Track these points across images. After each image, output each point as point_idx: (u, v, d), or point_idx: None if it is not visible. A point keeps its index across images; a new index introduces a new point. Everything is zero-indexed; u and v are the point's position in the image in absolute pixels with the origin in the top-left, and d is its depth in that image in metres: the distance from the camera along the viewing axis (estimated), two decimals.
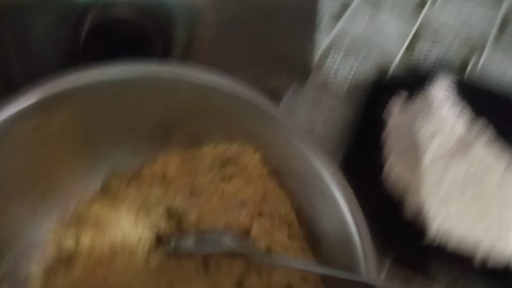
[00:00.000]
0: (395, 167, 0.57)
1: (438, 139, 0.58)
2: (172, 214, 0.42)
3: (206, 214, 0.42)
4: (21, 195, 0.39)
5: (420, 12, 0.79)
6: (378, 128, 0.62)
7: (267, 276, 0.39)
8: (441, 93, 0.64)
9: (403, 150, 0.58)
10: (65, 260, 0.40)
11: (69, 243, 0.40)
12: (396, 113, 0.64)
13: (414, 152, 0.57)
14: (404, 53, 0.73)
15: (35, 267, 0.40)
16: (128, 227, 0.41)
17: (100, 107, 0.41)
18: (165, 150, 0.45)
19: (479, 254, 0.51)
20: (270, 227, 0.41)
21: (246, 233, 0.41)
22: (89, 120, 0.41)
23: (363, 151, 0.60)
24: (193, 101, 0.42)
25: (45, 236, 0.41)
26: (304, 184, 0.41)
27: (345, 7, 0.77)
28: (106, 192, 0.43)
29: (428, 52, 0.74)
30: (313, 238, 0.41)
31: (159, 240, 0.40)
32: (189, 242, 0.40)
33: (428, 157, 0.57)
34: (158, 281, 0.39)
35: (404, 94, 0.65)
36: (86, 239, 0.40)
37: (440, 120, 0.60)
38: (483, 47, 0.75)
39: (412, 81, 0.68)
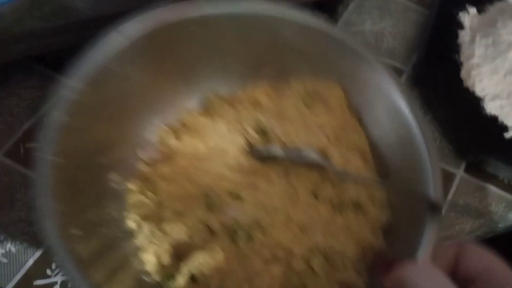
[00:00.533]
0: (475, 67, 0.60)
1: None
2: (261, 129, 0.49)
3: (290, 133, 0.48)
4: (138, 100, 0.47)
5: None
6: (455, 28, 0.65)
7: (339, 189, 0.45)
8: None
9: (484, 49, 0.61)
10: (168, 154, 0.48)
11: (173, 142, 0.48)
12: (474, 13, 0.66)
13: (495, 53, 0.60)
14: None
15: (144, 158, 0.48)
16: (223, 134, 0.48)
17: (206, 37, 0.46)
18: (258, 80, 0.51)
19: None
20: (345, 151, 0.47)
21: (323, 152, 0.47)
22: (195, 46, 0.47)
23: (439, 52, 0.63)
24: (288, 37, 0.47)
25: (154, 135, 0.49)
26: (381, 119, 0.47)
27: None
28: (206, 108, 0.51)
29: None
30: (384, 171, 0.47)
31: (250, 146, 0.48)
32: (276, 150, 0.46)
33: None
34: (244, 178, 0.45)
35: None
36: (187, 140, 0.48)
37: None
38: None
39: None
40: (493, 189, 0.57)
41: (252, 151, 0.47)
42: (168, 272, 0.41)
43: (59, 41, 0.54)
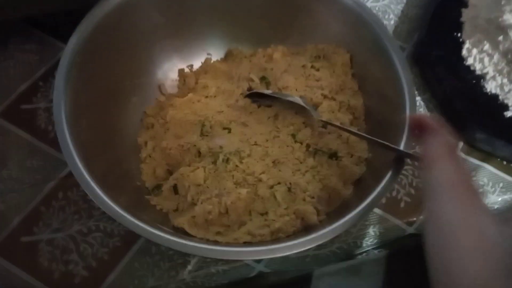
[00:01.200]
0: (476, 44, 0.59)
1: None
2: (265, 78, 0.54)
3: (290, 85, 0.53)
4: (165, 39, 0.54)
5: None
6: (458, 6, 0.64)
7: (318, 137, 0.49)
8: None
9: (486, 27, 0.59)
10: (183, 91, 0.55)
11: (191, 81, 0.55)
12: None
13: (497, 31, 0.58)
14: None
15: (162, 90, 0.56)
16: (233, 80, 0.55)
17: None
18: (278, 43, 0.57)
19: None
20: (336, 108, 0.51)
21: (314, 105, 0.51)
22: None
23: (440, 30, 0.62)
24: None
25: (175, 73, 0.57)
26: (381, 88, 0.50)
27: None
28: (226, 59, 0.58)
29: None
30: (375, 132, 0.49)
31: (250, 90, 0.54)
32: (267, 91, 0.52)
33: None
34: (239, 115, 0.52)
35: None
36: (203, 80, 0.55)
37: None
38: None
39: None
40: (490, 169, 0.56)
41: (250, 94, 0.53)
42: (158, 182, 0.48)
43: (58, 3, 0.54)
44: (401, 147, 0.43)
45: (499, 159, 0.57)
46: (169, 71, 0.56)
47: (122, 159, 0.49)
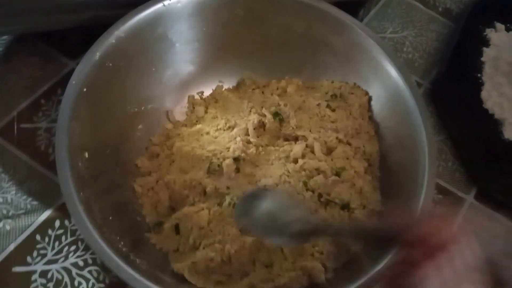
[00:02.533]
0: (497, 87, 0.57)
1: None
2: (278, 115, 0.51)
3: (304, 125, 0.50)
4: (176, 66, 0.53)
5: None
6: (480, 45, 0.62)
7: (331, 185, 0.46)
8: None
9: (508, 70, 0.58)
10: (192, 120, 0.53)
11: (200, 109, 0.53)
12: (502, 31, 0.63)
13: None
14: None
15: (170, 118, 0.54)
16: (244, 113, 0.52)
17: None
18: (292, 75, 0.55)
19: None
20: (351, 155, 0.49)
21: (330, 150, 0.49)
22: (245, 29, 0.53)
23: (460, 68, 0.60)
24: (324, 33, 0.52)
25: (185, 101, 0.55)
26: (400, 137, 0.48)
27: None
28: (238, 88, 0.55)
29: None
30: (389, 183, 0.48)
31: (261, 125, 0.51)
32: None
33: None
34: (249, 153, 0.48)
35: (510, 14, 0.63)
36: (212, 110, 0.53)
37: None
38: None
39: None
40: (504, 219, 0.54)
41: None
42: (160, 219, 0.46)
43: (67, 19, 0.52)
44: (421, 202, 0.41)
45: None
46: (178, 98, 0.54)
47: (124, 191, 0.47)
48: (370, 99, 0.51)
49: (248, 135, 0.50)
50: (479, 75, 0.59)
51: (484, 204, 0.55)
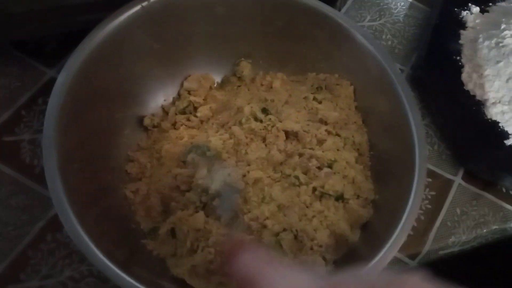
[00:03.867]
0: (476, 69, 0.58)
1: None
2: (265, 110, 0.51)
3: (291, 118, 0.50)
4: (160, 68, 0.52)
5: None
6: (457, 28, 0.63)
7: (324, 177, 0.46)
8: None
9: (486, 51, 0.59)
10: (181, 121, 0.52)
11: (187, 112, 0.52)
12: (477, 13, 0.64)
13: (498, 55, 0.58)
14: None
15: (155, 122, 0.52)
16: (232, 110, 0.51)
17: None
18: (277, 70, 0.55)
19: None
20: (341, 146, 0.49)
21: (320, 143, 0.49)
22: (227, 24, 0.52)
23: (439, 52, 0.61)
24: (311, 28, 0.51)
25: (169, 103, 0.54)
26: (388, 125, 0.48)
27: None
28: (223, 86, 0.55)
29: None
30: (380, 171, 0.48)
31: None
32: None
33: None
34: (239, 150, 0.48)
35: None
36: (201, 114, 0.52)
37: None
38: None
39: None
40: (491, 198, 0.55)
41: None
42: (155, 224, 0.46)
43: (43, 26, 0.51)
44: (413, 189, 0.41)
45: (499, 187, 0.56)
46: (163, 99, 0.53)
47: (116, 199, 0.46)
48: (355, 89, 0.51)
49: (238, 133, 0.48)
50: (458, 58, 0.60)
51: (471, 184, 0.56)
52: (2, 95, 0.53)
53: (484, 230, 0.54)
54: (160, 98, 0.53)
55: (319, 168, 0.46)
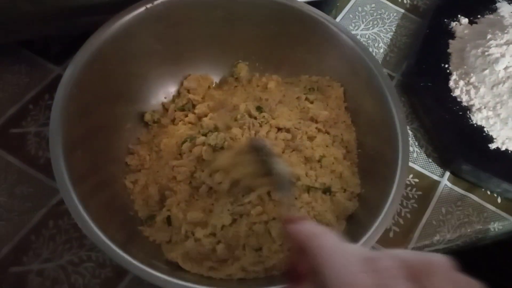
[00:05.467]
0: (463, 76, 0.61)
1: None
2: (260, 108, 0.53)
3: (283, 116, 0.53)
4: (161, 67, 0.55)
5: None
6: (446, 38, 0.66)
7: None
8: None
9: (473, 60, 0.61)
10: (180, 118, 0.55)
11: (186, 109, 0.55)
12: (466, 24, 0.67)
13: (484, 64, 0.60)
14: None
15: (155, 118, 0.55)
16: (228, 107, 0.54)
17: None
18: (272, 72, 0.58)
19: None
20: (330, 142, 0.52)
21: (310, 139, 0.52)
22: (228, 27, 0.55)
23: (429, 60, 0.64)
24: (305, 33, 0.55)
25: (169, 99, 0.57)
26: (375, 125, 0.51)
27: None
28: (221, 85, 0.58)
29: None
30: (367, 167, 0.51)
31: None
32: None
33: (501, 67, 0.59)
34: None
35: (473, 8, 0.67)
36: (202, 108, 0.54)
37: None
38: None
39: None
40: (475, 199, 0.58)
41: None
42: (151, 212, 0.48)
43: (50, 27, 0.54)
44: (395, 185, 0.44)
45: (483, 189, 0.58)
46: (164, 96, 0.56)
47: (115, 188, 0.49)
48: (345, 90, 0.54)
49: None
50: (446, 65, 0.63)
51: (457, 186, 0.58)
52: (11, 91, 0.56)
53: (468, 230, 0.56)
54: (160, 96, 0.56)
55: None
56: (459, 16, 0.68)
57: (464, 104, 0.60)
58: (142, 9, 0.49)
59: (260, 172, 0.42)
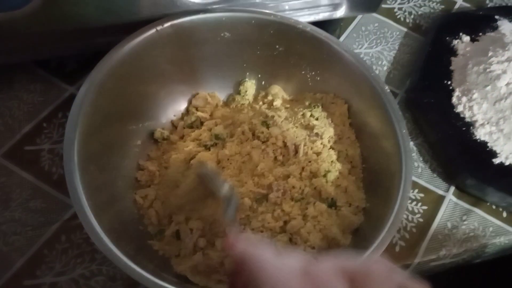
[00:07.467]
0: (466, 93, 0.62)
1: None
2: (266, 123, 0.55)
3: (289, 133, 0.54)
4: (171, 86, 0.57)
5: None
6: (449, 55, 0.67)
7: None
8: None
9: (475, 77, 0.63)
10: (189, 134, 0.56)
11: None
12: (468, 41, 0.68)
13: (486, 80, 0.61)
14: None
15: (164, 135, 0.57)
16: (235, 124, 0.55)
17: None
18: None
19: None
20: (335, 158, 0.53)
21: (316, 155, 0.53)
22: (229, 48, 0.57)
23: (432, 77, 0.65)
24: (310, 53, 0.57)
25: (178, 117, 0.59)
26: (378, 141, 0.52)
27: None
28: (228, 103, 0.61)
29: None
30: (371, 181, 0.52)
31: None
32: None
33: (502, 83, 0.60)
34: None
35: (474, 26, 0.69)
36: (209, 125, 0.56)
37: None
38: None
39: (482, 15, 0.72)
40: (480, 213, 0.58)
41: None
42: (161, 227, 0.49)
43: (65, 47, 0.56)
44: (399, 198, 0.45)
45: (488, 204, 0.59)
46: (173, 114, 0.58)
47: (126, 203, 0.50)
48: (349, 107, 0.56)
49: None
50: (449, 82, 0.64)
51: (462, 200, 0.59)
52: (26, 109, 0.58)
53: (474, 244, 0.56)
54: (170, 114, 0.57)
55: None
56: (460, 34, 0.70)
57: (467, 119, 0.61)
58: (152, 31, 0.51)
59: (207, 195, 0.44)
